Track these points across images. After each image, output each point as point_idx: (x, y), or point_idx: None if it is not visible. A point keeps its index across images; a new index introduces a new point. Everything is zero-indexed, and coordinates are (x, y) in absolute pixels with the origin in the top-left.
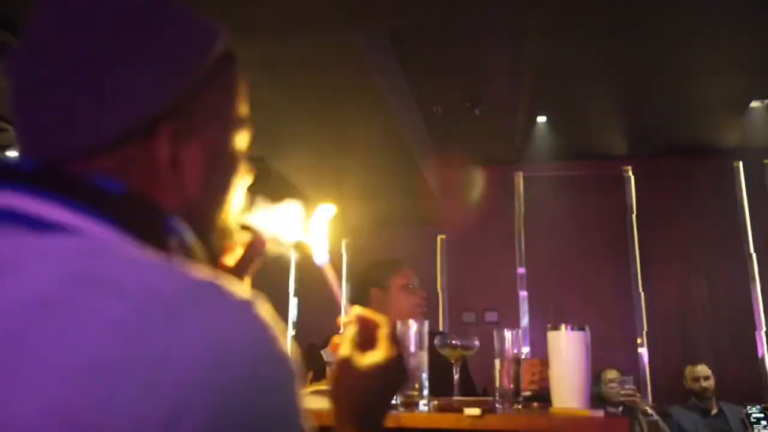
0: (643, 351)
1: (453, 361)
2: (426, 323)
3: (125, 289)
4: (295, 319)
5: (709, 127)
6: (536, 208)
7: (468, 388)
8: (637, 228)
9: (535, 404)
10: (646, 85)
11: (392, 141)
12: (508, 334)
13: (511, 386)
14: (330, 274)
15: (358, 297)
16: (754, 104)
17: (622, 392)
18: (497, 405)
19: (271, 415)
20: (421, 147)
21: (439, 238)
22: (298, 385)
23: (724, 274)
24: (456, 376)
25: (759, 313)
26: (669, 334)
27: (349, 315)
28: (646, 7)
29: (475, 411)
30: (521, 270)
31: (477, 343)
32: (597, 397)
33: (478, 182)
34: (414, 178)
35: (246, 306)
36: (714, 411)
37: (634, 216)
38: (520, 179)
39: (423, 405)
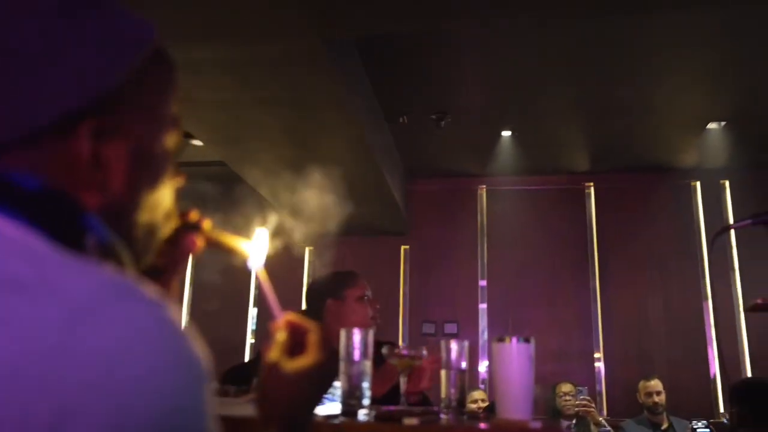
0: (600, 365)
1: (400, 371)
2: (371, 332)
3: (28, 287)
4: (254, 328)
5: (668, 147)
6: (499, 221)
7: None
8: (597, 243)
9: (481, 415)
10: (608, 104)
11: (358, 150)
12: (454, 345)
13: (457, 397)
14: (264, 279)
15: (314, 307)
16: (711, 126)
17: (576, 402)
18: (441, 415)
19: (173, 419)
20: (386, 157)
21: (402, 248)
22: (206, 390)
23: (679, 291)
24: (403, 387)
25: (710, 330)
26: (625, 349)
27: (279, 321)
28: (609, 30)
29: (413, 421)
30: (482, 282)
31: (425, 353)
32: (551, 410)
33: (442, 194)
34: (379, 188)
35: (154, 308)
36: (664, 425)
37: (594, 231)
38: (483, 192)
39: (363, 414)
